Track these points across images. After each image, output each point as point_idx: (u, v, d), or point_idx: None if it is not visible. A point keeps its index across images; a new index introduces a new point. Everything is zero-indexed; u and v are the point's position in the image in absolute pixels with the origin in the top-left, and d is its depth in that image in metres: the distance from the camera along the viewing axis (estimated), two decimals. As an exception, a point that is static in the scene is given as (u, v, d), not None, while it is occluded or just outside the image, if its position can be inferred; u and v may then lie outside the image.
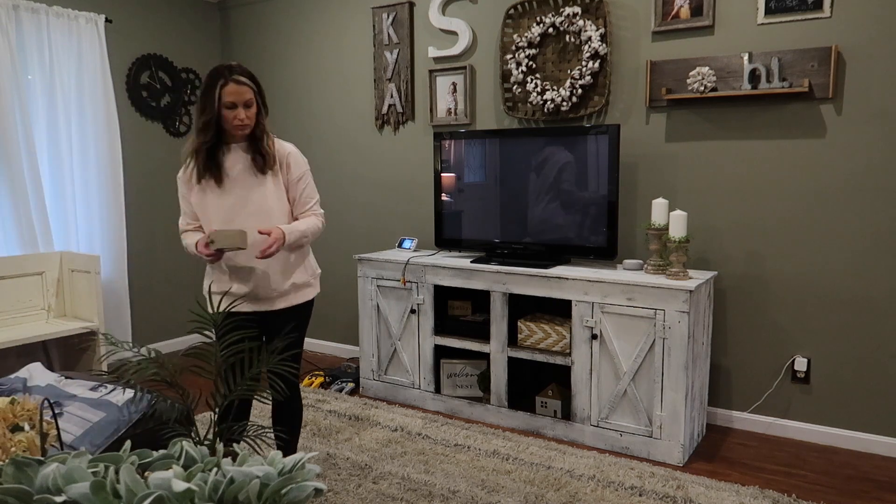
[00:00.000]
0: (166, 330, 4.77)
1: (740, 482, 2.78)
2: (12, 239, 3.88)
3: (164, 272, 4.79)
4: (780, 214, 3.16)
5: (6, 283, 3.80)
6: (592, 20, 3.44)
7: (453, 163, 3.66)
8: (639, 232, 3.43)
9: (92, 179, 4.19)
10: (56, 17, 3.98)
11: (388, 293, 3.70)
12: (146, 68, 4.57)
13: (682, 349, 2.88)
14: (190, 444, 1.02)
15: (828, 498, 2.66)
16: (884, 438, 3.03)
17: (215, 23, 5.01)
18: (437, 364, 3.61)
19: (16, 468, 0.90)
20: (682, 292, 2.86)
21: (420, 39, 4.09)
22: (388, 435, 3.26)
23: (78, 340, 3.99)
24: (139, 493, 0.84)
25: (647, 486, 2.73)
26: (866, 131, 2.95)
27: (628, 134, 3.40)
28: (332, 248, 4.62)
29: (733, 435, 3.26)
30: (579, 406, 3.17)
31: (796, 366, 3.18)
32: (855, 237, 3.01)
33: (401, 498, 2.65)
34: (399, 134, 4.25)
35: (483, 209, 3.58)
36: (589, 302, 3.08)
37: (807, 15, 2.99)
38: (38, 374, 2.76)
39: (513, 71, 3.67)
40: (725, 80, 3.15)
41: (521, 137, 3.45)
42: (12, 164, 3.78)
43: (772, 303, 3.21)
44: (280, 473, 0.94)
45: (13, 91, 3.77)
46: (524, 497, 2.65)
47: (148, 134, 4.63)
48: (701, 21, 3.21)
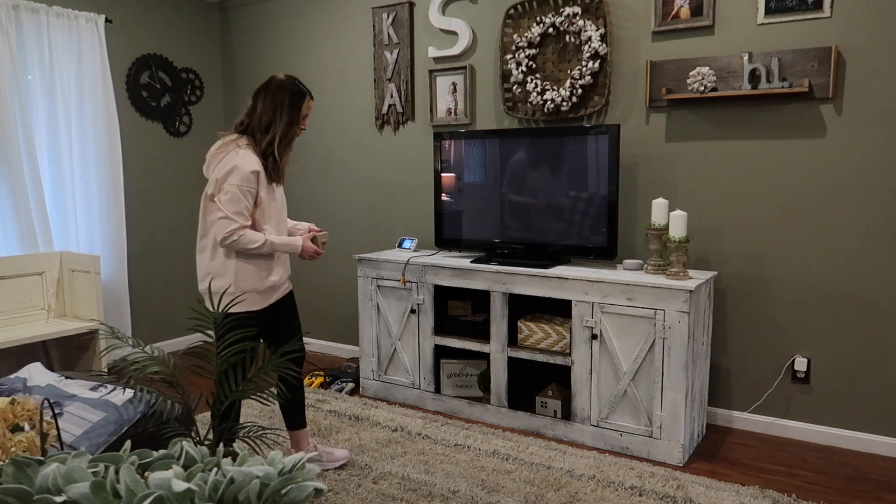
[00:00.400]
0: (166, 330, 4.77)
1: (740, 482, 2.78)
2: (12, 239, 3.88)
3: (164, 272, 4.79)
4: (780, 214, 3.16)
5: (6, 283, 3.80)
6: (592, 20, 3.44)
7: (453, 163, 3.66)
8: (639, 232, 3.43)
9: (92, 179, 4.19)
10: (56, 17, 3.98)
11: (388, 293, 3.71)
12: (146, 68, 4.57)
13: (682, 349, 2.88)
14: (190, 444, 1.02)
15: (828, 498, 2.66)
16: (884, 438, 3.03)
17: (215, 23, 5.01)
18: (436, 364, 3.61)
19: (16, 468, 0.90)
20: (682, 292, 2.86)
21: (420, 39, 4.09)
22: (388, 435, 3.26)
23: (78, 340, 3.99)
24: (139, 493, 0.84)
25: (647, 486, 2.73)
26: (866, 131, 2.95)
27: (628, 134, 3.40)
28: (332, 248, 4.62)
29: (733, 435, 3.27)
30: (579, 406, 3.17)
31: (796, 366, 3.18)
32: (855, 237, 3.02)
33: (401, 498, 2.65)
34: (399, 134, 4.26)
35: (483, 209, 3.58)
36: (589, 302, 3.08)
37: (807, 15, 2.99)
38: (38, 374, 2.76)
39: (513, 71, 3.67)
40: (725, 80, 3.15)
41: (521, 137, 3.45)
42: (12, 164, 3.78)
43: (772, 303, 3.21)
44: (280, 473, 0.95)
45: (13, 91, 3.77)
46: (524, 497, 2.65)
47: (148, 134, 4.63)
48: (701, 21, 3.21)
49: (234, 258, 2.52)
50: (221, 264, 2.53)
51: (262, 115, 2.54)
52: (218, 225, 2.46)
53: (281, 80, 2.57)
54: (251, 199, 2.49)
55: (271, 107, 2.53)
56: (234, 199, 2.44)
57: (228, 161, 2.48)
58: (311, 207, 4.70)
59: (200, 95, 4.91)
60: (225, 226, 2.44)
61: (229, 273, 2.52)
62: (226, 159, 2.50)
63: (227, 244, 2.46)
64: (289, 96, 2.54)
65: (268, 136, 2.52)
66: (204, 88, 4.94)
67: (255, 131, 2.54)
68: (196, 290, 4.86)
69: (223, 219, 2.44)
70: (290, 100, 2.55)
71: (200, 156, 4.98)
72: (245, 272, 2.53)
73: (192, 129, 4.89)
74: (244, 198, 2.46)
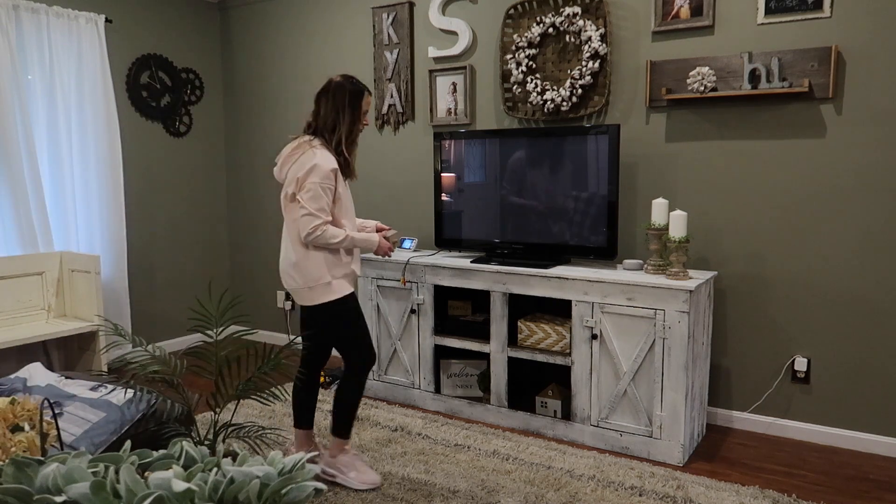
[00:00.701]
0: (166, 330, 4.77)
1: (740, 482, 2.77)
2: (12, 239, 3.88)
3: (164, 272, 4.79)
4: (780, 214, 3.16)
5: (6, 283, 3.80)
6: (592, 20, 3.44)
7: (453, 163, 3.66)
8: (639, 232, 3.43)
9: (92, 179, 4.19)
10: (56, 17, 3.98)
11: (388, 293, 3.71)
12: (146, 68, 4.57)
13: (682, 349, 2.88)
14: (190, 444, 1.02)
15: (828, 498, 2.66)
16: (884, 438, 3.03)
17: (215, 23, 5.01)
18: (437, 364, 3.61)
19: (16, 468, 0.90)
20: (682, 292, 2.86)
21: (420, 39, 4.09)
22: (388, 435, 3.26)
23: (78, 340, 3.99)
24: (139, 493, 0.84)
25: (647, 486, 2.73)
26: (866, 131, 2.95)
27: (628, 134, 3.39)
28: (332, 248, 4.62)
29: (733, 435, 3.27)
30: (579, 406, 3.17)
31: (796, 366, 3.18)
32: (855, 237, 3.02)
33: (401, 498, 2.65)
34: (399, 134, 4.26)
35: (483, 209, 3.58)
36: (589, 302, 3.08)
37: (807, 15, 2.99)
38: (38, 374, 2.76)
39: (513, 71, 3.67)
40: (725, 80, 3.15)
41: (521, 137, 3.45)
42: (12, 164, 3.78)
43: (772, 303, 3.21)
44: (280, 473, 0.95)
45: (13, 91, 3.77)
46: (524, 497, 2.65)
47: (148, 134, 4.63)
48: (701, 21, 3.21)
49: (320, 251, 2.64)
50: (310, 258, 2.64)
51: (326, 117, 2.66)
52: (302, 221, 2.57)
53: (339, 82, 2.67)
54: (331, 196, 2.61)
55: (333, 108, 2.65)
56: (316, 197, 2.56)
57: (306, 161, 2.58)
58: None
59: (200, 95, 4.92)
60: (309, 222, 2.56)
61: (319, 264, 2.64)
62: (303, 159, 2.60)
63: (311, 239, 2.58)
64: (349, 96, 2.66)
65: (335, 136, 2.65)
66: (204, 88, 4.94)
67: (324, 132, 2.67)
68: (195, 290, 4.90)
69: (307, 216, 2.56)
70: (351, 99, 2.66)
71: (200, 156, 5.02)
72: (332, 262, 2.67)
73: (192, 129, 4.89)
74: (325, 194, 2.57)
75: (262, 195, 4.94)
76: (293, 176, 2.60)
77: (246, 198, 5.05)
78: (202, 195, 5.00)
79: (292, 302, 4.84)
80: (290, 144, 2.69)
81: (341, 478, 2.74)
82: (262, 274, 5.02)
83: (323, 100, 2.68)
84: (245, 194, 5.06)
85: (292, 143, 2.70)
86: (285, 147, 2.71)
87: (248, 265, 5.12)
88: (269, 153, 4.86)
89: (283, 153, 2.70)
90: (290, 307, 4.87)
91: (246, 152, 5.01)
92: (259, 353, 2.31)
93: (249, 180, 5.01)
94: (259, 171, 4.92)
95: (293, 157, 2.64)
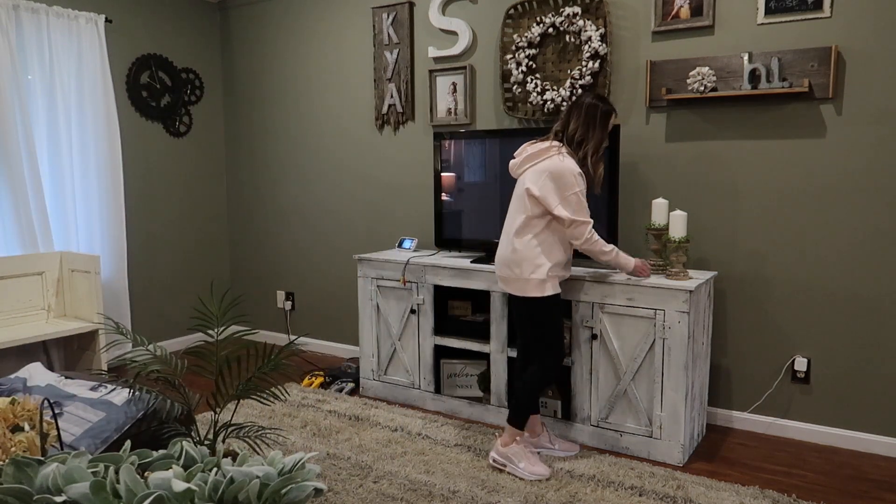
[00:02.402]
0: (166, 330, 4.77)
1: (740, 482, 2.78)
2: (12, 239, 3.88)
3: (164, 272, 4.79)
4: (780, 214, 3.16)
5: (6, 283, 3.80)
6: (592, 20, 3.44)
7: (453, 163, 3.66)
8: (639, 232, 3.43)
9: (92, 179, 4.19)
10: (56, 17, 3.98)
11: (388, 293, 3.71)
12: (146, 68, 4.57)
13: (682, 349, 2.88)
14: (190, 444, 1.02)
15: (828, 498, 2.66)
16: (884, 438, 3.03)
17: (215, 23, 5.01)
18: (437, 364, 3.61)
19: (16, 468, 0.90)
20: (682, 292, 2.86)
21: (420, 39, 4.09)
22: (388, 435, 3.26)
23: (78, 340, 3.99)
24: (139, 493, 0.84)
25: (647, 486, 2.73)
26: (866, 131, 2.95)
27: (628, 134, 3.39)
28: (332, 248, 4.62)
29: (733, 435, 3.27)
30: (579, 406, 3.17)
31: (796, 366, 3.18)
32: (855, 237, 3.02)
33: (401, 498, 2.65)
34: (399, 134, 4.26)
35: (483, 209, 3.58)
36: (589, 302, 3.08)
37: (807, 15, 2.99)
38: (38, 374, 2.76)
39: (513, 71, 3.67)
40: (725, 80, 3.15)
41: (521, 137, 3.45)
42: (12, 164, 3.79)
43: (772, 303, 3.21)
44: (280, 473, 0.95)
45: (13, 91, 3.77)
46: (524, 497, 2.65)
47: (148, 134, 4.63)
48: (701, 21, 3.21)
49: (554, 248, 2.80)
50: (541, 251, 2.79)
51: (574, 131, 2.79)
52: (577, 230, 2.75)
53: (592, 101, 2.79)
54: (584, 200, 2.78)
55: (584, 124, 2.78)
56: (581, 205, 2.75)
57: (558, 167, 2.73)
58: (311, 207, 4.70)
59: (200, 95, 4.92)
60: (583, 230, 2.76)
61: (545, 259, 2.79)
62: (551, 163, 2.75)
63: (586, 246, 2.80)
64: (600, 114, 2.78)
65: (580, 151, 2.79)
66: (204, 88, 4.94)
67: (570, 143, 2.80)
68: (195, 290, 4.90)
69: (581, 225, 2.75)
70: (601, 118, 2.79)
71: (200, 156, 5.02)
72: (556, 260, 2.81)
73: (192, 129, 4.89)
74: (583, 199, 2.76)
75: (262, 195, 4.94)
76: (542, 178, 2.73)
77: (246, 198, 5.05)
78: (202, 195, 5.00)
79: (292, 302, 4.85)
80: (536, 144, 2.84)
81: (511, 467, 2.84)
82: (262, 274, 5.02)
83: (574, 114, 2.80)
84: (245, 194, 5.06)
85: (537, 143, 2.84)
86: (527, 146, 2.86)
87: (247, 265, 5.12)
88: (269, 153, 4.88)
89: (526, 150, 2.85)
90: (290, 307, 4.87)
91: (246, 152, 5.01)
92: (259, 353, 2.31)
93: (249, 180, 5.01)
94: (259, 170, 4.93)
95: (538, 157, 2.79)
